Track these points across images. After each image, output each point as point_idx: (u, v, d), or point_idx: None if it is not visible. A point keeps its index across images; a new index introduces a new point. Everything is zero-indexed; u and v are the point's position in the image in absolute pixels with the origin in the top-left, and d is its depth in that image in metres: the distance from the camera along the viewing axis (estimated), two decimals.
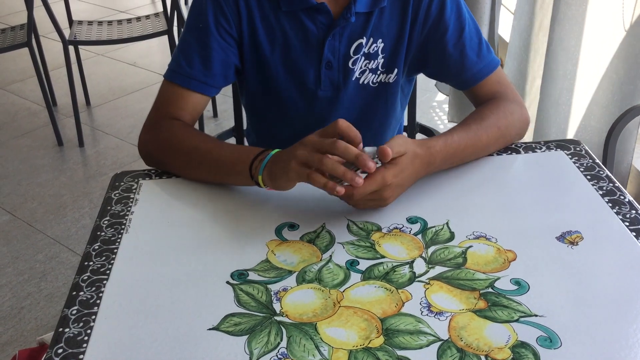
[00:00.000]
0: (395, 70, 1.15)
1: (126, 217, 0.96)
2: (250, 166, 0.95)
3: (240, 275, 0.83)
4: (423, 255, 0.86)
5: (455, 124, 1.08)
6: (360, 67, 1.14)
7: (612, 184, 0.99)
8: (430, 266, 0.84)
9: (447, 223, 0.92)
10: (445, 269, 0.84)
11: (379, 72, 1.15)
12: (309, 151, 0.87)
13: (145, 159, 1.10)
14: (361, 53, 1.12)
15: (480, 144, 1.05)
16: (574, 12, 1.95)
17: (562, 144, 1.11)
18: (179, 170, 1.06)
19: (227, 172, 1.00)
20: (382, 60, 1.14)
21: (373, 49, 1.12)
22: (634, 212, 0.92)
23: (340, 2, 1.09)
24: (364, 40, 1.11)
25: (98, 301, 0.80)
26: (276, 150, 0.95)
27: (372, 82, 1.15)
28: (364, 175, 0.87)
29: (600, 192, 0.97)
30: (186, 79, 1.10)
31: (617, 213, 0.93)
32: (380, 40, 1.12)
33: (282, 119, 1.20)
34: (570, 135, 2.14)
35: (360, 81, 1.15)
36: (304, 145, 0.88)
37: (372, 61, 1.13)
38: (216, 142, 1.05)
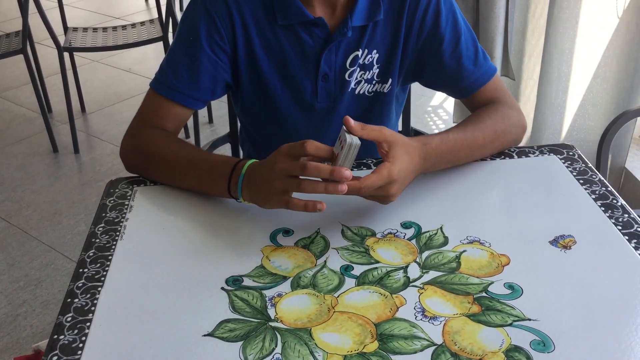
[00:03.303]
0: (390, 80, 1.15)
1: (121, 224, 0.96)
2: (229, 181, 0.95)
3: (235, 281, 0.83)
4: (417, 260, 0.87)
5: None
6: (356, 78, 1.14)
7: (604, 188, 0.99)
8: (424, 271, 0.85)
9: (441, 228, 0.93)
10: (439, 273, 0.84)
11: (374, 82, 1.15)
12: (284, 179, 0.86)
13: (126, 165, 1.10)
14: (357, 65, 1.12)
15: (476, 145, 1.05)
16: (568, 15, 1.97)
17: (555, 149, 1.11)
18: (157, 176, 1.06)
19: (204, 181, 1.00)
20: (377, 70, 1.14)
21: (368, 60, 1.12)
22: (626, 215, 0.93)
23: (337, 16, 1.09)
24: (359, 52, 1.11)
25: (93, 308, 0.80)
26: (249, 163, 0.94)
27: (368, 91, 1.16)
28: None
29: (593, 196, 0.98)
30: (172, 92, 1.09)
31: (610, 217, 0.93)
32: (375, 51, 1.12)
33: (279, 130, 1.20)
34: (565, 135, 2.15)
35: (356, 91, 1.15)
36: (276, 175, 0.87)
37: (368, 72, 1.14)
38: (194, 150, 1.05)
